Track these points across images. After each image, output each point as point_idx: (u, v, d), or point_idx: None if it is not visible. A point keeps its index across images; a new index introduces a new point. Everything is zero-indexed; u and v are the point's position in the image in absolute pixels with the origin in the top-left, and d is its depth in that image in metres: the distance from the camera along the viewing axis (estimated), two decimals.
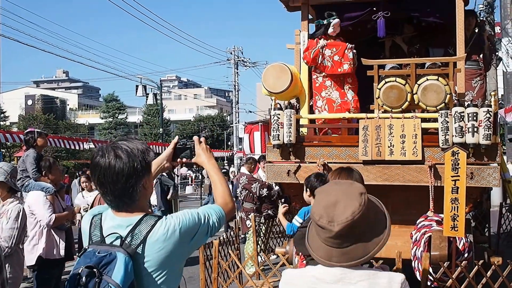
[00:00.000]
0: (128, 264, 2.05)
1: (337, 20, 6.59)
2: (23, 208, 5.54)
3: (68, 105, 75.17)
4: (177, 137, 2.83)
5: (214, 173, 2.59)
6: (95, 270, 2.00)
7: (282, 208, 5.84)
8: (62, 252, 6.07)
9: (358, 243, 1.90)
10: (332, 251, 1.91)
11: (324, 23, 6.62)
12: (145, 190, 2.24)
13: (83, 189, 10.31)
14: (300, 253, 4.58)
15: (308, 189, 4.83)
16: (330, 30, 6.61)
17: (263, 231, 9.43)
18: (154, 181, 2.94)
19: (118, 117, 62.93)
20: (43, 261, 5.95)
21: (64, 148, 25.65)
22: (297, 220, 4.73)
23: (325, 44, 6.57)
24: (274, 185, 9.25)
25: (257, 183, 9.66)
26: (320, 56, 6.57)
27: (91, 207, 6.85)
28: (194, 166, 3.08)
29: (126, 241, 2.12)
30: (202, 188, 22.36)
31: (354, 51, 6.57)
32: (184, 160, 2.70)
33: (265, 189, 9.57)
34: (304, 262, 4.34)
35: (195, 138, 2.67)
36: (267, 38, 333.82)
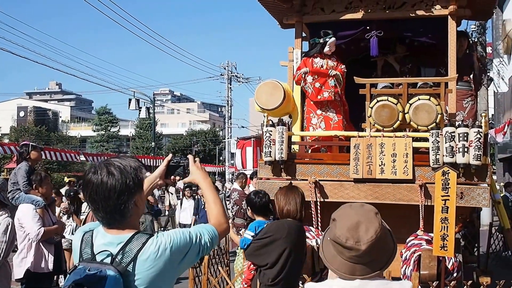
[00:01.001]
0: (118, 282, 2.05)
1: (333, 39, 6.64)
2: (12, 222, 5.51)
3: (60, 117, 74.98)
4: (170, 154, 2.83)
5: (209, 192, 2.60)
6: (85, 287, 2.00)
7: None
8: (50, 266, 6.03)
9: (377, 257, 2.18)
10: (355, 266, 2.16)
11: (320, 41, 6.67)
12: (137, 207, 2.25)
13: None
14: (250, 263, 4.88)
15: (249, 207, 5.24)
16: (326, 49, 6.65)
17: None
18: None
19: (111, 130, 62.84)
20: (31, 275, 5.91)
21: (56, 160, 25.51)
22: (249, 234, 4.87)
23: (308, 71, 6.62)
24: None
25: None
26: (303, 81, 6.65)
27: (84, 223, 6.82)
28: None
29: (116, 259, 2.12)
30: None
31: (339, 74, 6.61)
32: (177, 178, 2.71)
33: None
34: (253, 272, 4.74)
35: (190, 156, 2.68)
36: (261, 55, 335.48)
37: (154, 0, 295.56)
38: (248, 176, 11.07)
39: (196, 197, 13.83)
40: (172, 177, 2.71)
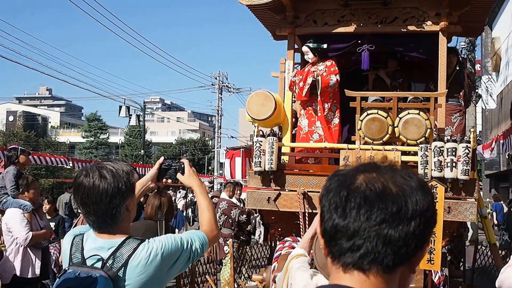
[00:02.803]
0: (109, 287, 2.04)
1: (304, 47, 6.69)
2: None
3: (49, 122, 74.52)
4: (162, 157, 2.82)
5: (203, 198, 2.60)
6: None
7: None
8: (37, 271, 5.99)
9: None
10: None
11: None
12: (129, 212, 2.24)
13: None
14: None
15: None
16: (305, 57, 6.73)
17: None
18: None
19: (100, 137, 62.45)
20: (17, 280, 5.86)
21: (44, 165, 25.26)
22: None
23: (295, 73, 6.69)
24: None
25: (236, 209, 9.67)
26: (294, 85, 6.69)
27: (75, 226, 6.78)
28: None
29: (107, 264, 2.11)
30: None
31: (319, 77, 6.51)
32: (169, 181, 2.71)
33: (245, 215, 9.58)
34: None
35: (186, 161, 2.68)
36: (253, 65, 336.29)
37: (148, 9, 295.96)
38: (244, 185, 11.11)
39: None
40: (164, 180, 2.70)
